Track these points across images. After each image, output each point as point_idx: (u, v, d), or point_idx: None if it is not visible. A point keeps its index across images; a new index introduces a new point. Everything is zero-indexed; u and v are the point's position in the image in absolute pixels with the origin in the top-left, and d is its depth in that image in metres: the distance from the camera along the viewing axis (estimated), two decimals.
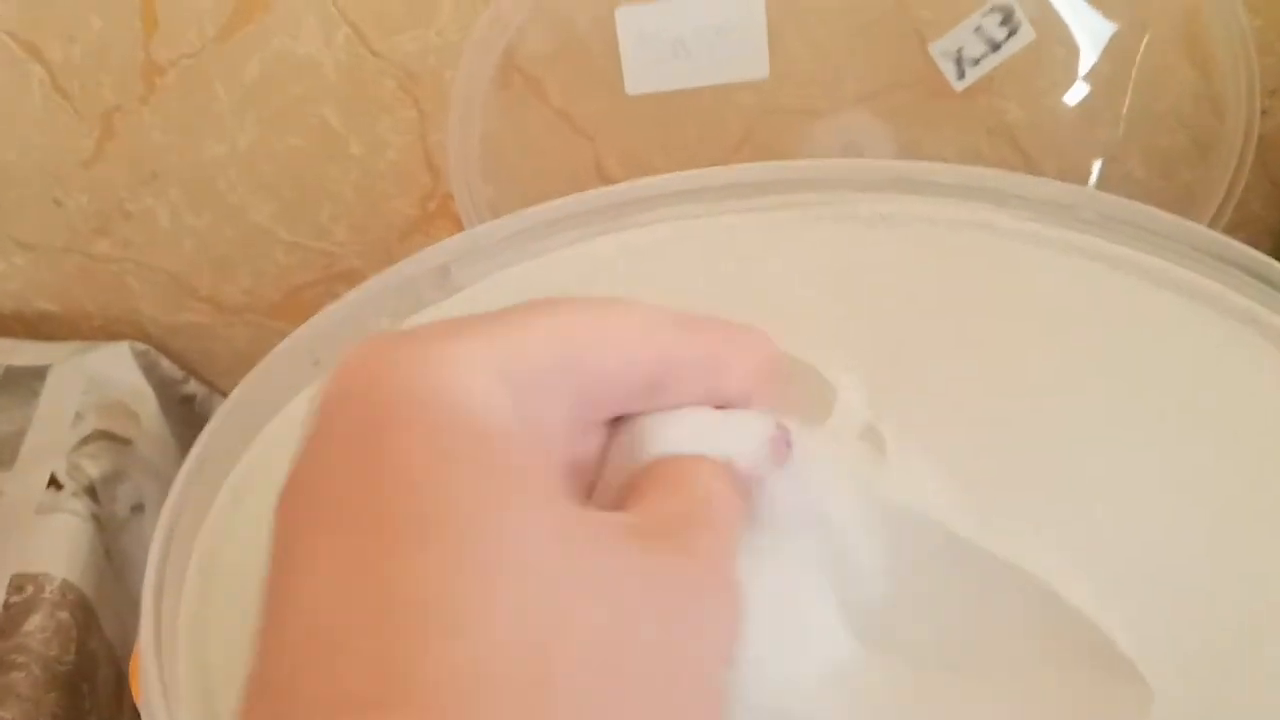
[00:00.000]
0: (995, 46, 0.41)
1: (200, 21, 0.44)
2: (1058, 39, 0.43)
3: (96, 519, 0.47)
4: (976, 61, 0.41)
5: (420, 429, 0.16)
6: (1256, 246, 0.31)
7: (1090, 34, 0.43)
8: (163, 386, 0.53)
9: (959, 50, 0.41)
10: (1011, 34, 0.41)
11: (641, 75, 0.42)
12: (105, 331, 0.54)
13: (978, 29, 0.41)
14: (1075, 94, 0.45)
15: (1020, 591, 0.25)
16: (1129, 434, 0.28)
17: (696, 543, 0.18)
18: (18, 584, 0.44)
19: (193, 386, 0.55)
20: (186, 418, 0.55)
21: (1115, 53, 0.44)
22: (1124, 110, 0.46)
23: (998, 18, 0.41)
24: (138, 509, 0.50)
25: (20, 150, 0.48)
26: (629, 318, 0.19)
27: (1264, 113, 0.47)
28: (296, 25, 0.44)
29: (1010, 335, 0.31)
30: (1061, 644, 0.24)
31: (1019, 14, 0.41)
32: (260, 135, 0.47)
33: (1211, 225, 0.47)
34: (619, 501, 0.19)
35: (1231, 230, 0.51)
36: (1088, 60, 0.44)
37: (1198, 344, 0.30)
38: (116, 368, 0.52)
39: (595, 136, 0.46)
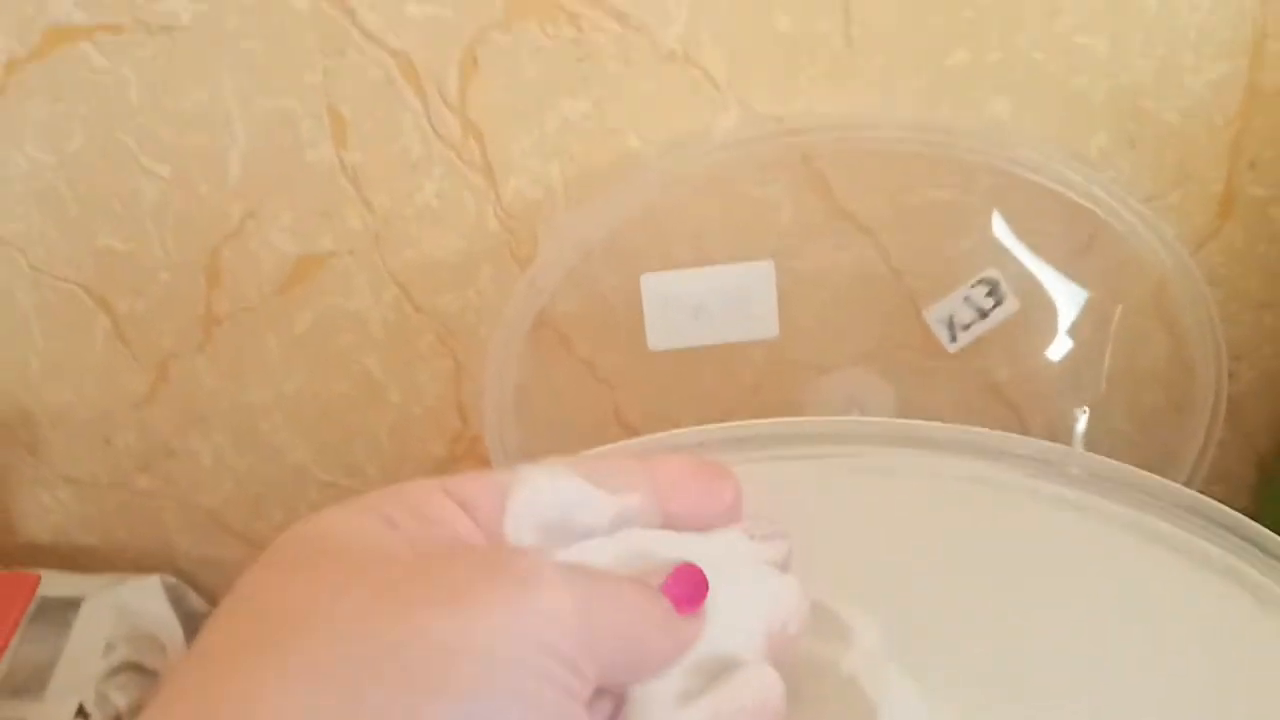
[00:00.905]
0: (983, 314, 0.45)
1: (260, 279, 0.48)
2: (1041, 307, 0.48)
3: None
4: (967, 327, 0.45)
5: (301, 551, 0.21)
6: (1234, 500, 0.34)
7: (1070, 303, 0.48)
8: (189, 619, 0.55)
9: (951, 317, 0.45)
10: (997, 304, 0.45)
11: (663, 333, 0.46)
12: (137, 564, 0.56)
13: (967, 298, 0.45)
14: (1059, 355, 0.49)
15: None
16: (1111, 672, 0.30)
17: (534, 564, 0.21)
18: None
19: None
20: None
21: (1094, 319, 0.48)
22: (1104, 370, 0.49)
23: (984, 289, 0.45)
24: None
25: (77, 392, 0.52)
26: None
27: (1231, 375, 0.51)
28: (349, 284, 0.48)
29: (1007, 582, 0.33)
30: None
31: (1004, 286, 0.45)
32: (306, 382, 0.51)
33: (1190, 476, 0.50)
34: None
35: (1210, 484, 0.54)
36: (1068, 326, 0.48)
37: (1175, 592, 0.33)
38: (147, 600, 0.54)
39: (618, 387, 0.50)
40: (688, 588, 0.23)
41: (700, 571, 0.24)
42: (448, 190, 0.46)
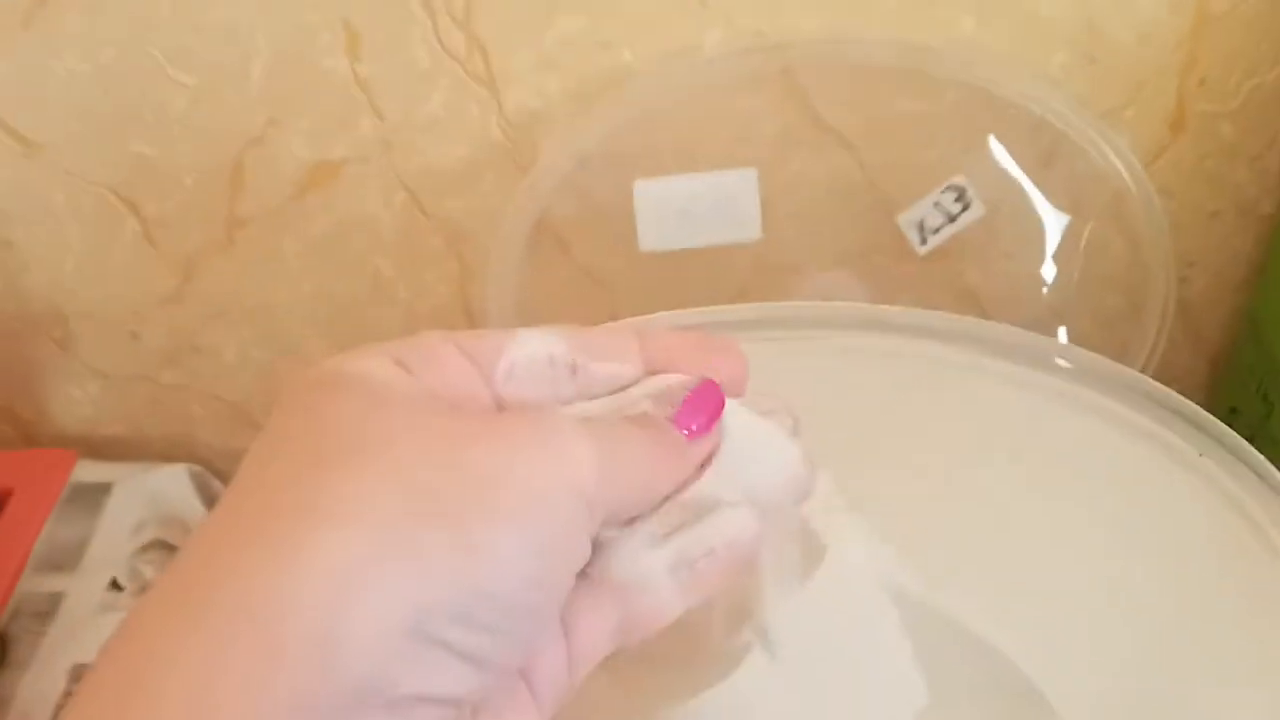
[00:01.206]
0: (951, 219, 0.49)
1: (280, 184, 0.52)
2: (1007, 215, 0.51)
3: None
4: (936, 230, 0.49)
5: (328, 394, 0.21)
6: (1189, 394, 0.37)
7: (1034, 211, 0.51)
8: (213, 505, 0.59)
9: (921, 221, 0.49)
10: (964, 209, 0.49)
11: (654, 236, 0.49)
12: (163, 454, 0.60)
13: (936, 203, 0.49)
14: (1024, 260, 0.52)
15: (953, 636, 0.30)
16: (1061, 527, 0.35)
17: (555, 418, 0.22)
18: (77, 674, 0.49)
19: None
20: None
21: (1056, 227, 0.52)
22: (1068, 275, 0.53)
23: (953, 195, 0.49)
24: None
25: (107, 291, 0.55)
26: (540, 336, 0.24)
27: (1185, 280, 0.55)
28: (361, 190, 0.52)
29: (956, 446, 0.37)
30: (985, 678, 0.30)
31: (970, 193, 0.49)
32: (321, 282, 0.54)
33: (1143, 369, 0.54)
34: None
35: (1169, 382, 0.58)
36: (1032, 233, 0.52)
37: (1112, 457, 0.37)
38: (174, 487, 0.58)
39: (613, 289, 0.53)
40: (701, 414, 0.24)
41: (716, 389, 0.24)
42: (453, 101, 0.50)
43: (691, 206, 0.49)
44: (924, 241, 0.49)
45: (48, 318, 0.56)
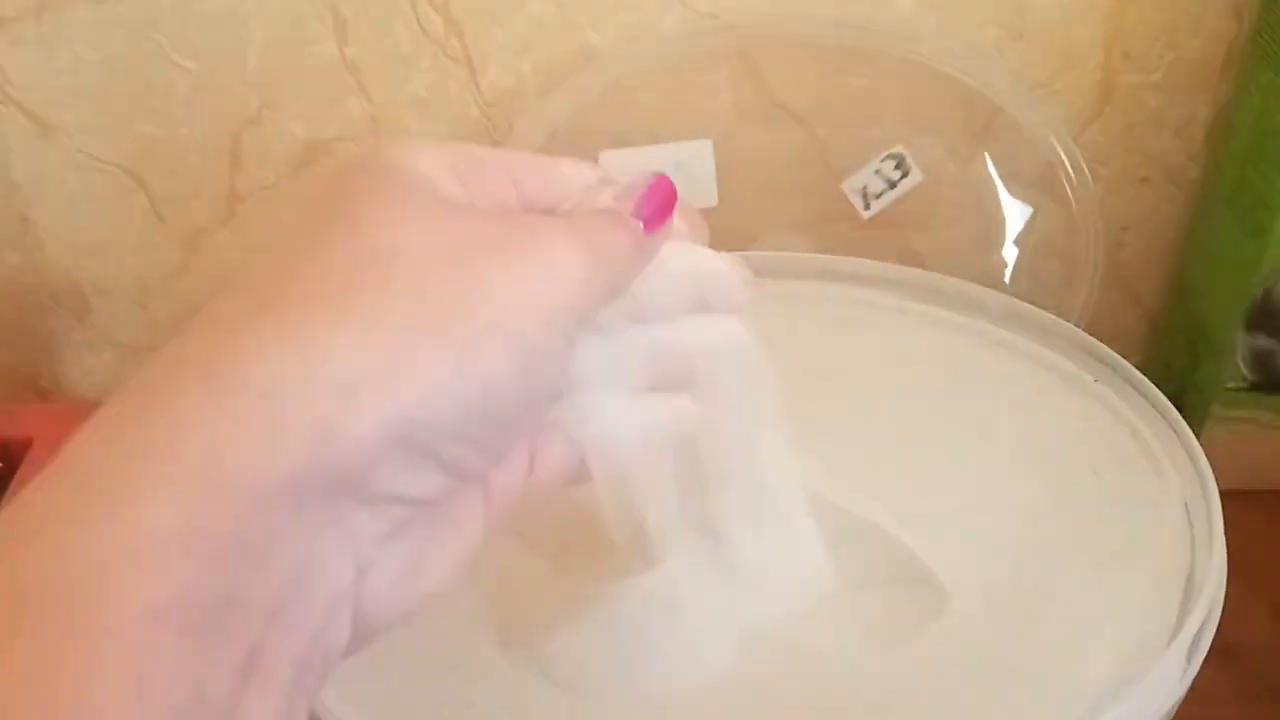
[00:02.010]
0: (892, 185, 0.53)
1: (276, 161, 0.56)
2: (947, 183, 0.55)
3: None
4: (878, 196, 0.53)
5: (377, 181, 0.23)
6: (1127, 353, 0.41)
7: (972, 179, 0.55)
8: None
9: (864, 187, 0.53)
10: (904, 175, 0.53)
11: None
12: None
13: (878, 171, 0.53)
14: (965, 225, 0.56)
15: (863, 534, 0.34)
16: (964, 443, 0.39)
17: (547, 224, 0.24)
18: None
19: None
20: None
21: (994, 194, 0.56)
22: (1007, 239, 0.57)
23: (893, 163, 0.53)
24: None
25: (119, 264, 0.60)
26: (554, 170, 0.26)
27: (1120, 244, 0.59)
28: None
29: (877, 378, 0.41)
30: (889, 568, 0.34)
31: (909, 161, 0.53)
32: None
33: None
34: None
35: (1107, 340, 0.61)
36: (972, 200, 0.56)
37: (1014, 384, 0.41)
38: None
39: None
40: (657, 205, 0.26)
41: (670, 185, 0.27)
42: (434, 81, 0.54)
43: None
44: (868, 207, 0.53)
45: (65, 291, 0.60)
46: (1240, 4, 0.51)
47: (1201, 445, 0.56)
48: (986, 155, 0.55)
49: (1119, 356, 0.40)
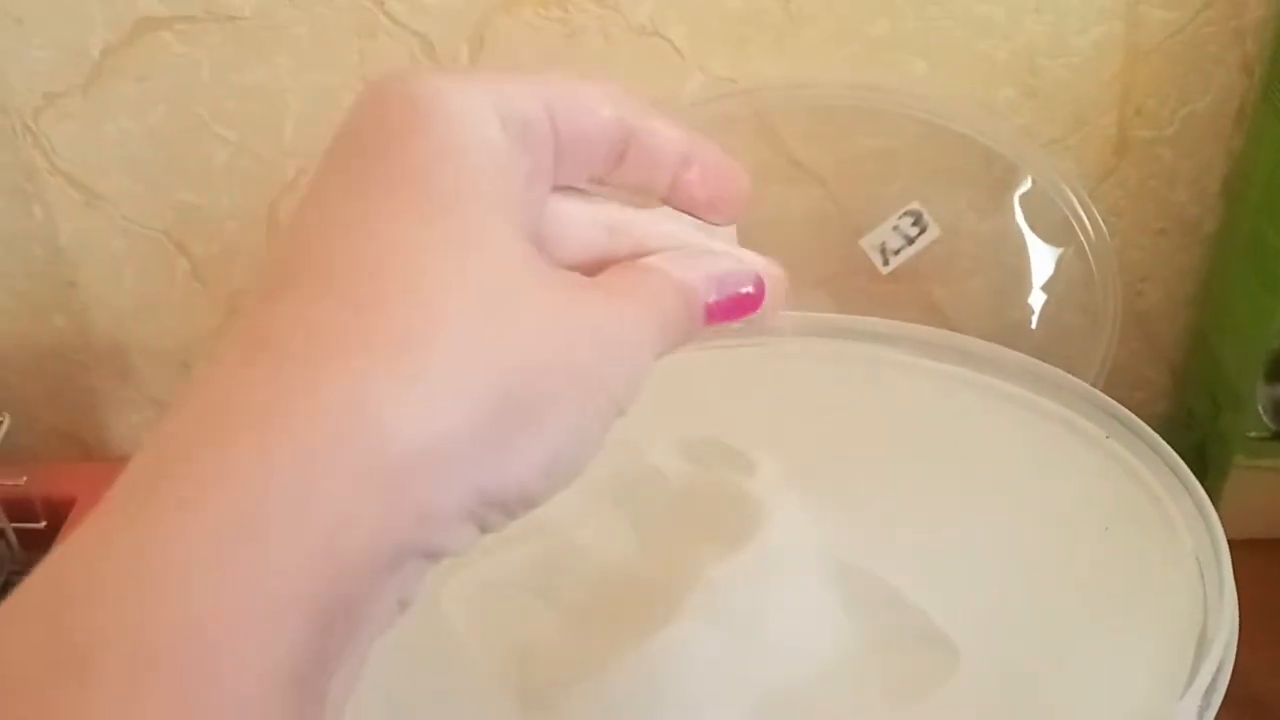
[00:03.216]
0: (910, 241, 0.54)
1: None
2: (965, 238, 0.56)
3: None
4: (897, 252, 0.54)
5: (422, 123, 0.21)
6: (1152, 403, 0.41)
7: (989, 234, 0.56)
8: None
9: (883, 244, 0.54)
10: (922, 231, 0.54)
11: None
12: None
13: (895, 227, 0.54)
14: (984, 280, 0.57)
15: (875, 594, 0.35)
16: (976, 501, 0.39)
17: (626, 302, 0.23)
18: None
19: None
20: None
21: (1012, 249, 0.56)
22: (1027, 292, 0.58)
23: (910, 219, 0.54)
24: None
25: (161, 326, 0.62)
26: (603, 90, 0.24)
27: (1140, 294, 0.60)
28: None
29: (891, 435, 0.42)
30: (901, 629, 0.35)
31: (926, 217, 0.54)
32: None
33: (1095, 380, 0.58)
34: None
35: (1131, 391, 0.62)
36: (990, 255, 0.57)
37: (1026, 439, 0.41)
38: None
39: None
40: (733, 310, 0.26)
41: (761, 299, 0.27)
42: None
43: (671, 232, 0.54)
44: (886, 263, 0.54)
45: (109, 351, 0.62)
46: (1250, 59, 0.52)
47: (1225, 495, 0.56)
48: (1004, 210, 0.55)
49: (1131, 413, 0.40)
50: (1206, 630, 0.34)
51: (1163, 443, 0.39)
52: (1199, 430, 0.58)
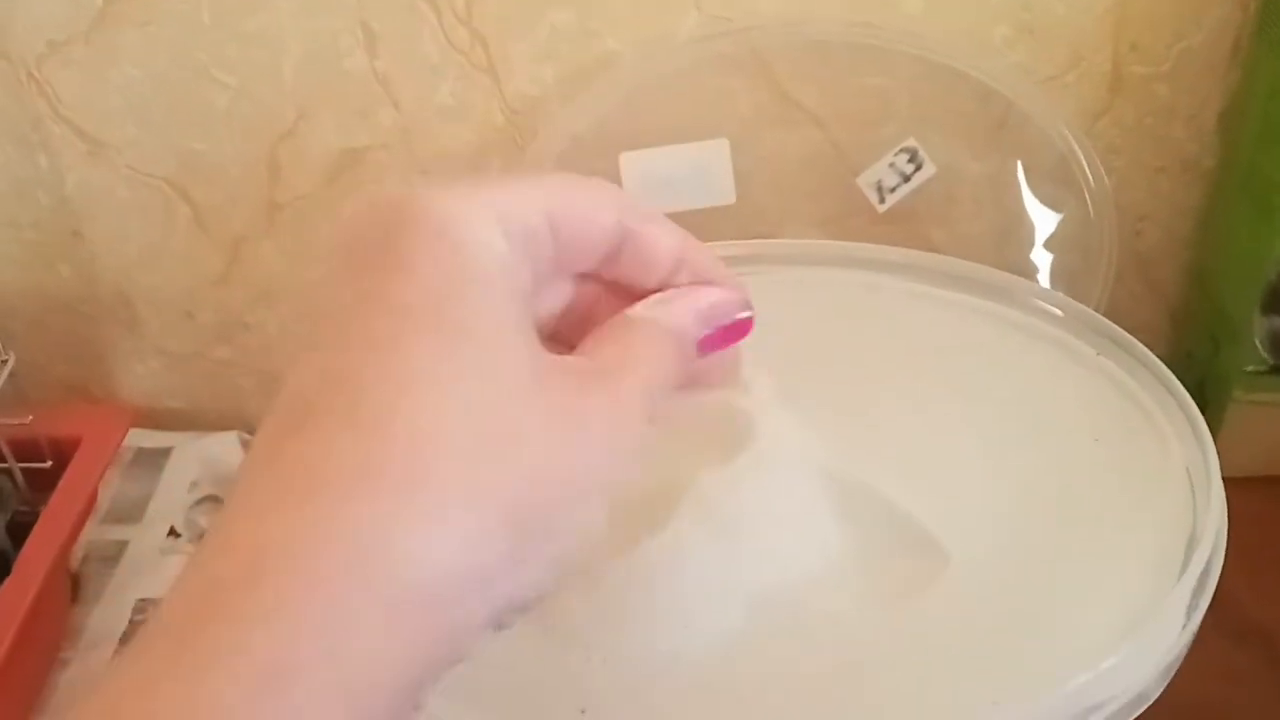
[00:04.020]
0: (906, 178, 0.54)
1: (312, 171, 0.58)
2: (963, 178, 0.56)
3: None
4: (893, 189, 0.54)
5: (431, 246, 0.22)
6: (1150, 346, 0.41)
7: (988, 173, 0.56)
8: None
9: (879, 182, 0.54)
10: (918, 169, 0.54)
11: (641, 203, 0.55)
12: (217, 426, 0.66)
13: (891, 164, 0.54)
14: (982, 219, 0.57)
15: (868, 502, 0.36)
16: (967, 414, 0.40)
17: (619, 384, 0.24)
18: (141, 606, 0.55)
19: None
20: None
21: (1011, 188, 0.57)
22: (1024, 232, 0.58)
23: (906, 156, 0.54)
24: None
25: (165, 274, 0.62)
26: (604, 196, 0.25)
27: (1139, 234, 0.60)
28: (383, 175, 0.58)
29: (884, 355, 0.42)
30: (893, 535, 0.35)
31: (922, 154, 0.54)
32: None
33: None
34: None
35: (1129, 333, 0.62)
36: (988, 194, 0.57)
37: (1018, 358, 0.42)
38: (226, 451, 0.64)
39: None
40: (723, 340, 0.28)
41: (749, 329, 0.29)
42: (460, 90, 0.56)
43: (672, 175, 0.54)
44: (882, 200, 0.54)
45: (115, 301, 0.63)
46: None
47: (1223, 432, 0.56)
48: (1001, 149, 0.56)
49: (1124, 331, 0.40)
50: (1196, 534, 0.34)
51: (1154, 359, 0.39)
52: (1198, 371, 0.58)
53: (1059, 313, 0.42)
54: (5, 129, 0.58)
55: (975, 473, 0.37)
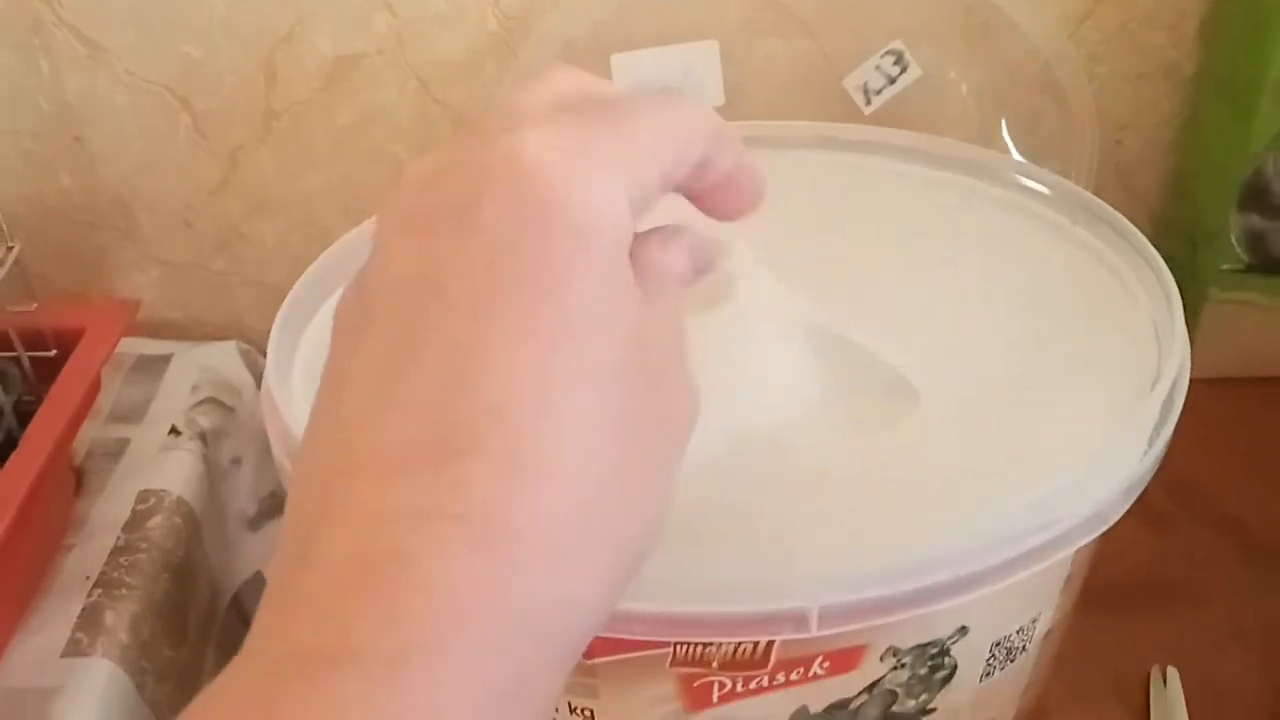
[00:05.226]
0: (892, 80, 0.55)
1: (308, 78, 0.59)
2: (948, 85, 0.57)
3: (205, 460, 0.60)
4: (879, 92, 0.55)
5: (574, 258, 0.21)
6: None
7: (972, 80, 0.57)
8: (259, 377, 0.67)
9: (865, 84, 0.55)
10: (903, 71, 0.55)
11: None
12: (214, 336, 0.67)
13: (877, 67, 0.55)
14: (966, 124, 0.58)
15: (843, 351, 0.37)
16: (945, 275, 0.41)
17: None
18: (144, 496, 0.56)
19: None
20: None
21: (994, 95, 0.58)
22: (1007, 138, 0.59)
23: (892, 59, 0.55)
24: (236, 462, 0.63)
25: (164, 182, 0.63)
26: (696, 129, 0.24)
27: (1120, 143, 0.61)
28: (378, 81, 0.59)
29: (864, 226, 0.44)
30: (867, 379, 0.36)
31: (908, 56, 0.55)
32: (349, 170, 0.62)
33: None
34: None
35: None
36: (972, 101, 0.58)
37: (996, 227, 0.43)
38: (224, 359, 0.65)
39: None
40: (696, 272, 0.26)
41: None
42: None
43: (663, 76, 0.56)
44: (868, 102, 0.55)
45: (114, 210, 0.64)
46: None
47: (1200, 333, 0.58)
48: (985, 57, 0.57)
49: (1101, 202, 0.41)
50: (1159, 376, 0.35)
51: (1128, 224, 0.41)
52: (1176, 275, 0.59)
53: (1041, 188, 0.43)
54: (6, 33, 0.59)
55: (951, 326, 0.38)
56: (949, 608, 0.31)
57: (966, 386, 0.36)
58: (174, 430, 0.60)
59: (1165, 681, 0.46)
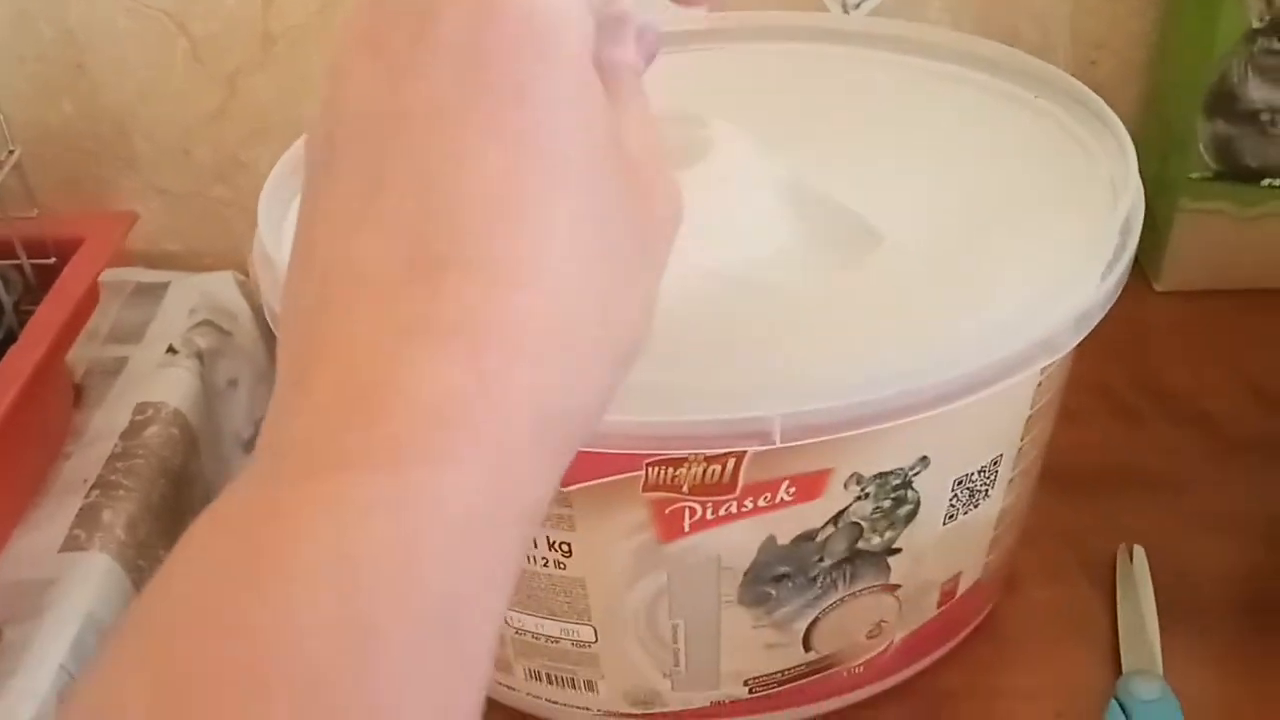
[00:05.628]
0: None
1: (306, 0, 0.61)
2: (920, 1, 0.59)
3: (202, 378, 0.61)
4: (857, 5, 0.57)
5: (531, 61, 0.21)
6: None
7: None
8: (255, 306, 0.68)
9: None
10: None
11: None
12: (212, 268, 0.69)
13: None
14: None
15: (813, 202, 0.38)
16: (912, 141, 0.42)
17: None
18: (141, 408, 0.58)
19: None
20: (271, 332, 0.69)
21: (974, 17, 0.59)
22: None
23: None
24: (232, 383, 0.64)
25: (163, 109, 0.65)
26: None
27: (1095, 63, 0.62)
28: None
29: (844, 102, 0.45)
30: (836, 227, 0.38)
31: None
32: None
33: None
34: None
35: None
36: (944, 16, 0.59)
37: (964, 102, 0.44)
38: (222, 288, 0.67)
39: None
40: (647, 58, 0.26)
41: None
42: None
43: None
44: (845, 12, 0.57)
45: (115, 137, 0.66)
46: None
47: (1170, 244, 0.59)
48: None
49: (1065, 73, 0.43)
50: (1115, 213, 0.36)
51: (1090, 93, 0.42)
52: (1147, 190, 0.61)
53: (1004, 60, 0.45)
54: None
55: (917, 182, 0.40)
56: (908, 429, 0.32)
57: (932, 231, 0.37)
58: (171, 349, 0.61)
59: (1132, 559, 0.47)
